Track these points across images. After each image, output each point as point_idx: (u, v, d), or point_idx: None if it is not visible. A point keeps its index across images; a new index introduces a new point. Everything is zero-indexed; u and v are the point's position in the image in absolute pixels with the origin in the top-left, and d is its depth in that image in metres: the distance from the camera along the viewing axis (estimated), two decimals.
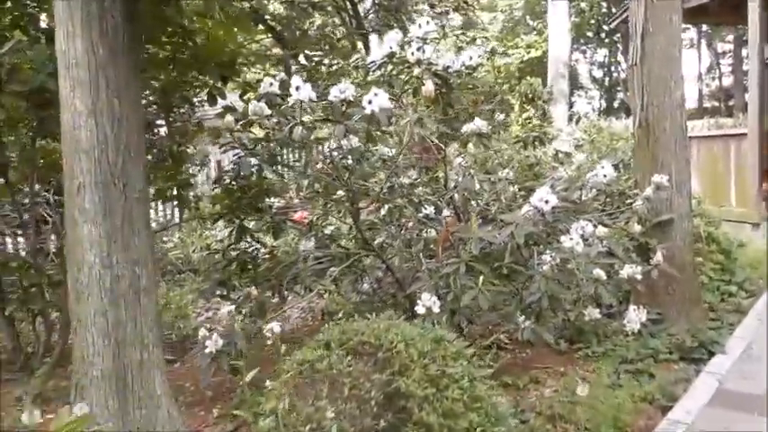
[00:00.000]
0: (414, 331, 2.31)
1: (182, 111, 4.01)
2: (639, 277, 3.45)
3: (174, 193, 4.66)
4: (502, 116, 4.34)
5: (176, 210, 7.42)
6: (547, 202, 3.15)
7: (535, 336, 3.07)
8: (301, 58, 5.36)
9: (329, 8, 10.02)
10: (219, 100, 3.94)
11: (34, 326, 3.47)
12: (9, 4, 3.38)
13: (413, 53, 3.18)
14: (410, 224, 4.46)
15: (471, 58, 3.24)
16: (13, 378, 3.41)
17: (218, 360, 2.85)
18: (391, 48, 3.34)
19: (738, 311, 4.41)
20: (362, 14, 10.25)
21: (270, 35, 7.88)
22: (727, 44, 21.56)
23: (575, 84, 23.40)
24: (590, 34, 22.92)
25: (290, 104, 2.63)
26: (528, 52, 17.79)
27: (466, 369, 2.24)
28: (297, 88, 2.62)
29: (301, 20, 10.19)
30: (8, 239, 3.77)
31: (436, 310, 3.05)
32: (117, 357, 2.37)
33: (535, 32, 19.01)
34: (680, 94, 4.00)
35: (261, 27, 6.02)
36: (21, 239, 3.37)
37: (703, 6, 7.26)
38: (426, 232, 4.27)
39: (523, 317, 3.21)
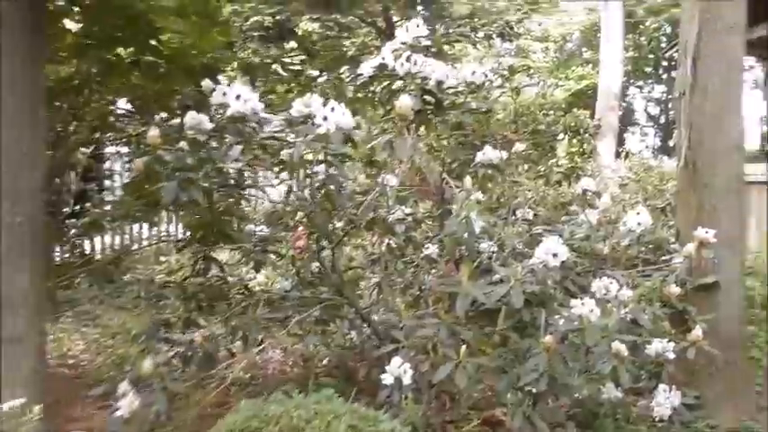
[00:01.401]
0: (344, 424, 1.72)
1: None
2: (671, 356, 2.77)
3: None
4: (521, 146, 3.75)
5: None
6: (555, 255, 2.53)
7: (529, 425, 2.42)
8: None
9: (365, 29, 9.64)
10: None
11: None
12: None
13: (402, 64, 2.64)
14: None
15: (474, 73, 2.67)
16: None
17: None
18: (384, 58, 2.81)
19: None
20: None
21: (300, 52, 7.48)
22: None
23: (629, 120, 22.39)
24: (648, 69, 21.91)
25: (224, 117, 2.12)
26: (578, 83, 17.02)
27: None
28: (237, 97, 2.11)
29: (337, 40, 9.85)
30: None
31: (407, 381, 2.46)
32: None
33: (590, 65, 18.26)
34: (738, 133, 3.31)
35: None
36: None
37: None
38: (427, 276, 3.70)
39: (520, 395, 2.58)
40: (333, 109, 2.06)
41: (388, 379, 2.47)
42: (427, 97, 2.56)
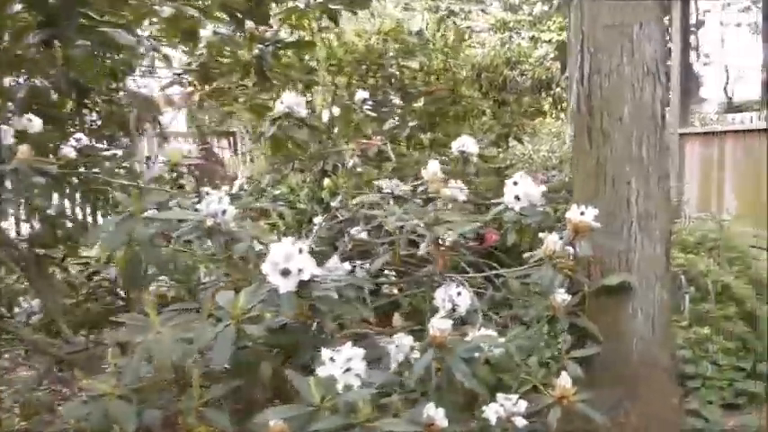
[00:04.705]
0: None
1: None
2: (521, 424, 1.67)
3: None
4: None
5: None
6: (287, 272, 1.42)
7: None
8: None
9: None
10: None
11: None
12: None
13: None
14: None
15: None
16: None
17: None
18: None
19: None
20: None
21: None
22: None
23: None
24: None
25: None
26: (560, 35, 15.67)
27: None
28: None
29: None
30: None
31: None
32: None
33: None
34: (654, 50, 2.14)
35: None
36: None
37: None
38: None
39: None
40: None
41: None
42: None
